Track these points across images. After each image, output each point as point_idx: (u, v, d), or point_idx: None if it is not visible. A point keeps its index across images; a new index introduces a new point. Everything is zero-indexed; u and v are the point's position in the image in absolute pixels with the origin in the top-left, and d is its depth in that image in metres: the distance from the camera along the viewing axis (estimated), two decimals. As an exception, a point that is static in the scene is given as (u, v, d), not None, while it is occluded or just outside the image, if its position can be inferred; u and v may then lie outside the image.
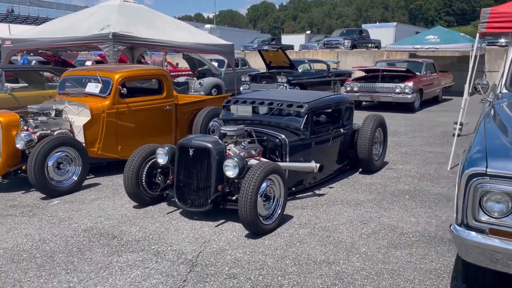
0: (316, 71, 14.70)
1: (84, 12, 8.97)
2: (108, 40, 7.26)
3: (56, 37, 8.03)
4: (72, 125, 5.32)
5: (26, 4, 56.83)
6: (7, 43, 8.79)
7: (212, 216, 4.08)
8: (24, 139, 4.68)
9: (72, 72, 6.09)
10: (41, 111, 5.17)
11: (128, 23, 7.97)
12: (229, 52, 9.87)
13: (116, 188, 5.03)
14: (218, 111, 6.72)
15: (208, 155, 3.89)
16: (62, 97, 5.70)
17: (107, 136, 5.37)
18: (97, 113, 5.27)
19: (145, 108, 5.73)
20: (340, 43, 22.83)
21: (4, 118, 4.74)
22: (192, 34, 9.33)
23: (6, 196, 4.72)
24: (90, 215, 4.18)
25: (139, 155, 4.29)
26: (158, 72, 6.00)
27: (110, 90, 5.39)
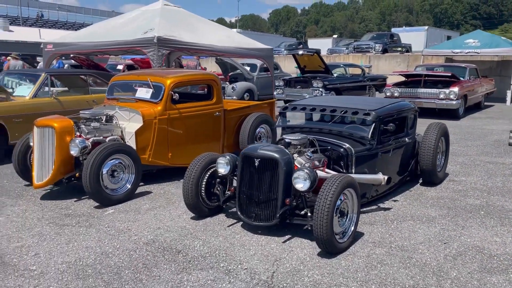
0: (351, 75, 14.35)
1: (125, 16, 8.93)
2: (152, 44, 7.15)
3: (99, 41, 7.99)
4: (123, 131, 5.19)
5: (55, 9, 58.42)
6: (49, 47, 8.82)
7: (276, 230, 3.84)
8: (79, 146, 4.56)
9: (121, 77, 5.98)
10: (93, 116, 5.05)
11: (171, 27, 7.86)
12: (269, 56, 9.65)
13: (169, 197, 4.85)
14: (265, 117, 6.51)
15: (275, 166, 3.65)
16: (112, 102, 5.59)
17: (158, 143, 5.21)
18: (149, 119, 5.12)
19: (195, 114, 5.55)
20: (370, 47, 22.34)
21: (58, 123, 4.63)
22: (231, 37, 9.16)
23: (59, 204, 4.60)
24: (149, 226, 4.00)
25: (199, 164, 4.09)
26: (208, 77, 5.82)
27: (162, 95, 5.23)
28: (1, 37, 37.68)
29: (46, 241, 3.68)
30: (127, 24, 8.30)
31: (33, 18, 54.29)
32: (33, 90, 6.70)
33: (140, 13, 8.62)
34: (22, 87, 6.90)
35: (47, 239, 3.71)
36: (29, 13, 54.11)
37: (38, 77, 6.86)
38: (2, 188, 5.14)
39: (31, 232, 3.87)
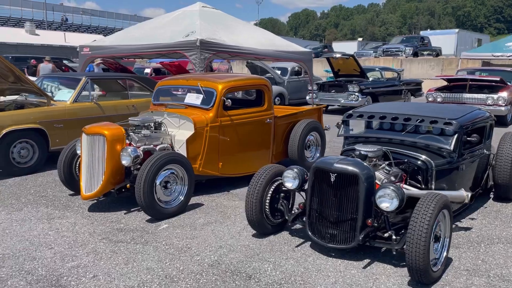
0: (387, 79, 13.84)
1: (162, 18, 8.71)
2: (195, 47, 6.89)
3: (138, 45, 7.78)
4: (173, 139, 4.90)
5: (79, 13, 59.48)
6: (85, 51, 8.68)
7: (351, 253, 3.46)
8: (131, 155, 4.27)
9: (168, 81, 5.70)
10: (142, 123, 4.78)
11: (212, 29, 7.59)
12: (308, 60, 9.29)
13: (223, 211, 4.52)
14: (315, 124, 6.14)
15: (355, 182, 3.27)
16: (159, 108, 5.31)
17: (209, 151, 4.90)
18: (200, 126, 4.82)
19: (247, 121, 5.22)
20: (400, 50, 21.74)
21: (109, 131, 4.37)
22: (271, 40, 8.85)
23: (109, 217, 4.33)
24: (209, 244, 3.67)
25: (263, 177, 3.74)
26: (260, 82, 5.49)
27: (213, 101, 4.93)
28: (28, 41, 38.51)
29: (103, 260, 3.40)
30: (165, 26, 8.07)
31: (58, 22, 55.37)
32: (73, 94, 6.50)
33: (178, 16, 8.39)
34: (62, 92, 6.71)
35: (103, 258, 3.42)
36: (54, 17, 55.24)
37: (78, 81, 6.66)
38: (47, 198, 4.91)
39: (85, 249, 3.59)
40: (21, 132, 5.80)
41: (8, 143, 5.67)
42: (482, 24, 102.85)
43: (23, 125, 5.80)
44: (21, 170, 5.84)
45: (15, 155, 5.79)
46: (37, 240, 3.75)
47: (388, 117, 4.22)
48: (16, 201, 4.79)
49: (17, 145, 5.80)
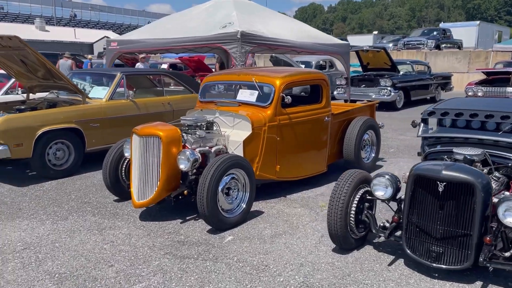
0: (417, 72, 13.28)
1: (193, 10, 8.24)
2: (235, 40, 6.43)
3: (171, 38, 7.34)
4: (227, 140, 4.46)
5: (88, 9, 59.20)
6: (113, 45, 8.25)
7: (459, 275, 3.01)
8: (191, 159, 3.84)
9: (216, 77, 5.25)
10: (195, 123, 4.34)
11: (250, 21, 7.12)
12: (346, 53, 8.79)
13: (287, 219, 4.09)
14: (371, 122, 5.67)
15: (470, 192, 2.81)
16: (209, 106, 4.87)
17: (267, 154, 4.46)
18: (258, 126, 4.37)
19: (305, 119, 4.77)
20: (422, 43, 21.08)
21: (164, 132, 3.93)
22: (307, 32, 8.36)
23: (164, 227, 3.91)
24: (288, 262, 3.24)
25: (348, 185, 3.29)
26: (319, 76, 5.03)
27: (271, 98, 4.48)
28: (39, 37, 38.28)
29: (174, 281, 2.98)
30: (199, 18, 7.61)
31: (67, 18, 55.16)
32: (109, 91, 6.08)
33: (211, 7, 7.92)
34: (97, 89, 6.29)
35: (174, 279, 3.01)
36: (62, 14, 55.03)
37: (113, 78, 6.23)
38: (91, 205, 4.51)
39: (149, 267, 3.18)
40: (57, 133, 5.40)
41: (43, 144, 5.27)
42: (493, 17, 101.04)
43: (59, 125, 5.40)
44: (57, 173, 5.45)
45: (50, 157, 5.40)
46: (93, 256, 3.34)
47: (481, 114, 3.74)
48: (58, 209, 4.40)
49: (52, 146, 5.41)
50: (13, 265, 3.20)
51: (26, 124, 5.12)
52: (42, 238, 3.67)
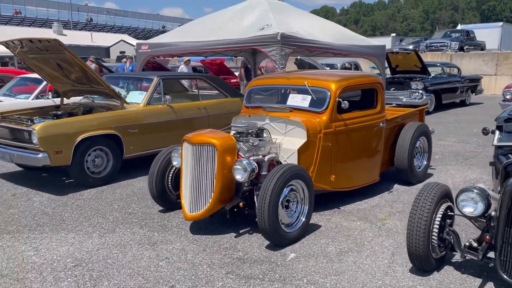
0: (448, 75, 12.87)
1: (226, 12, 8.03)
2: (275, 42, 6.18)
3: (205, 41, 7.13)
4: (279, 147, 4.20)
5: (103, 13, 59.83)
6: (143, 48, 8.09)
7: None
8: (248, 169, 3.58)
9: (262, 81, 5.01)
10: (247, 130, 4.09)
11: (287, 22, 6.88)
12: (381, 55, 8.48)
13: (348, 234, 3.80)
14: (424, 128, 5.36)
15: None
16: (256, 111, 4.62)
17: (322, 163, 4.19)
18: (313, 133, 4.10)
19: (361, 126, 4.49)
20: (446, 45, 20.58)
21: (219, 140, 3.69)
22: (342, 33, 8.08)
23: (219, 242, 3.66)
24: (365, 285, 2.95)
25: (431, 200, 2.99)
26: (374, 80, 4.74)
27: (327, 103, 4.21)
28: (56, 41, 38.74)
29: (245, 305, 2.72)
30: (233, 20, 7.40)
31: (83, 22, 55.79)
32: (146, 96, 5.87)
33: (244, 8, 7.70)
34: (133, 93, 6.10)
35: (244, 302, 2.75)
36: (79, 18, 55.70)
37: (150, 82, 6.03)
38: (137, 216, 4.29)
39: None
40: (96, 139, 5.21)
41: (82, 151, 5.08)
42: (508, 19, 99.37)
43: (99, 131, 5.20)
44: (95, 181, 5.26)
45: (89, 164, 5.21)
46: (151, 275, 3.10)
47: None
48: (103, 220, 4.19)
49: (91, 153, 5.22)
50: (67, 285, 2.98)
51: (66, 130, 4.94)
52: (92, 254, 3.45)
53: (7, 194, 4.97)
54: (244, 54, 10.52)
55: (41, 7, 53.07)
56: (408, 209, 4.40)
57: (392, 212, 4.36)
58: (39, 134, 4.68)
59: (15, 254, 3.45)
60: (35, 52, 5.41)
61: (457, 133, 8.78)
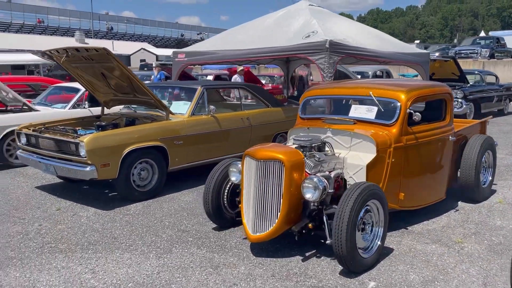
0: (486, 84, 12.39)
1: (265, 19, 7.81)
2: (323, 50, 5.92)
3: (247, 49, 6.91)
4: (344, 163, 3.91)
5: (124, 22, 60.80)
6: (180, 57, 7.94)
7: None
8: (320, 187, 3.30)
9: (319, 90, 4.73)
10: (311, 144, 3.82)
11: (332, 29, 6.61)
12: (426, 62, 8.12)
13: (427, 260, 3.46)
14: (490, 141, 4.99)
15: None
16: (316, 123, 4.34)
17: (391, 180, 3.87)
18: (383, 147, 3.80)
19: (431, 139, 4.16)
20: (475, 52, 20.00)
21: (286, 156, 3.42)
22: (386, 40, 7.78)
23: (287, 266, 3.37)
24: (467, 321, 2.63)
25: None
26: (444, 90, 4.42)
27: (397, 115, 3.91)
28: (78, 50, 39.36)
29: None
30: (275, 28, 7.18)
31: (104, 31, 56.73)
32: (191, 106, 5.66)
33: (285, 15, 7.47)
34: (177, 103, 5.90)
35: None
36: (99, 26, 56.68)
37: (194, 92, 5.83)
38: (191, 234, 4.04)
39: (296, 322, 2.64)
40: (143, 151, 5.01)
41: (129, 164, 4.88)
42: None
43: (145, 142, 5.00)
44: (141, 195, 5.05)
45: (135, 177, 5.00)
46: (223, 304, 2.84)
47: None
48: (157, 238, 3.95)
49: (137, 165, 5.01)
50: (134, 314, 2.74)
51: (114, 142, 4.75)
52: (153, 277, 3.21)
53: (51, 208, 4.79)
54: (277, 62, 10.30)
55: (63, 16, 54.27)
56: (482, 230, 4.07)
57: (466, 234, 4.01)
58: (87, 146, 4.50)
59: (71, 277, 3.24)
60: (80, 61, 5.26)
61: (506, 145, 8.32)
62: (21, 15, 49.41)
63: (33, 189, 5.55)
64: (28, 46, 29.77)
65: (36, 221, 4.39)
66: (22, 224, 4.32)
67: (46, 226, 4.25)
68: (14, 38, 37.53)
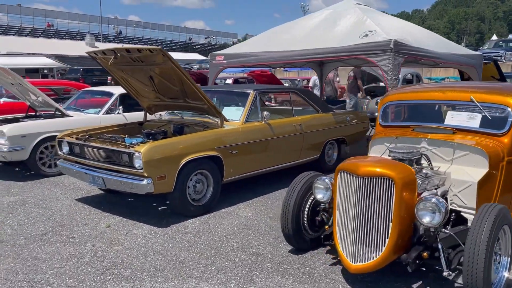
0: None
1: (310, 18, 7.33)
2: (387, 50, 5.43)
3: (295, 50, 6.43)
4: (448, 178, 3.40)
5: (132, 26, 60.76)
6: (218, 59, 7.48)
7: None
8: (442, 210, 2.80)
9: (404, 94, 4.19)
10: (411, 157, 3.32)
11: (388, 28, 6.12)
12: (479, 65, 7.62)
13: (562, 294, 2.96)
14: None
15: None
16: (404, 132, 3.84)
17: (501, 199, 3.37)
18: (496, 161, 3.30)
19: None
20: (500, 55, 19.43)
21: (396, 172, 2.91)
22: (440, 41, 7.29)
23: (398, 301, 2.88)
24: None
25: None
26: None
27: (510, 124, 3.41)
28: (89, 53, 39.13)
29: None
30: (322, 28, 6.70)
31: (113, 35, 56.62)
32: (244, 112, 5.19)
33: (331, 15, 6.99)
34: (228, 109, 5.43)
35: None
36: (108, 30, 56.58)
37: (246, 96, 5.36)
38: (267, 259, 3.54)
39: None
40: (200, 162, 4.53)
41: (185, 175, 4.41)
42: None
43: (203, 152, 4.53)
44: (197, 210, 4.57)
45: (190, 191, 4.53)
46: None
47: None
48: (230, 263, 3.46)
49: (192, 177, 4.53)
50: None
51: (171, 152, 4.27)
52: (246, 316, 2.72)
53: (100, 225, 4.31)
54: (311, 65, 9.82)
55: (72, 20, 54.31)
56: None
57: None
58: (145, 157, 4.02)
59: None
60: (128, 63, 4.80)
61: None
62: (31, 19, 49.41)
63: (74, 202, 5.09)
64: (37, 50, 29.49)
65: (88, 241, 3.91)
66: (73, 244, 3.84)
67: (100, 247, 3.77)
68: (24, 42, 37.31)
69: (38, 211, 4.74)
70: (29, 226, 4.28)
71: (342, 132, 6.55)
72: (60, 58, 26.25)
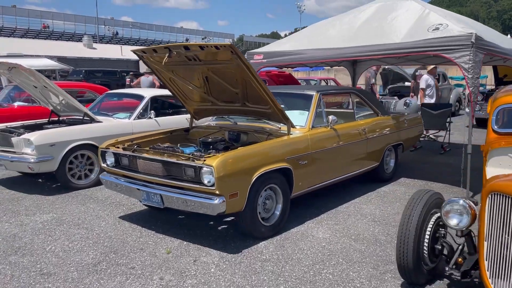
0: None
1: (358, 12, 6.67)
2: (467, 46, 4.84)
3: (348, 47, 5.82)
4: None
5: (129, 26, 59.95)
6: (257, 58, 6.85)
7: None
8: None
9: None
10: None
11: (456, 21, 5.54)
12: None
13: None
14: None
15: None
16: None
17: None
18: None
19: None
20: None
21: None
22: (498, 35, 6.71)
23: None
24: None
25: None
26: None
27: None
28: (86, 54, 38.27)
29: None
30: (374, 22, 6.08)
31: (109, 36, 55.72)
32: (310, 117, 4.59)
33: (382, 8, 6.36)
34: (290, 113, 4.79)
35: None
36: (105, 31, 55.68)
37: (310, 98, 4.75)
38: (383, 296, 2.94)
39: None
40: (270, 175, 3.91)
41: (255, 192, 3.78)
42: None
43: (274, 164, 3.91)
44: (267, 230, 3.95)
45: (259, 209, 3.90)
46: None
47: None
48: (339, 304, 2.85)
49: (262, 194, 3.91)
50: None
51: (244, 165, 3.64)
52: None
53: (159, 251, 3.68)
54: (344, 64, 9.22)
55: (68, 21, 53.40)
56: None
57: None
58: (218, 172, 3.38)
59: None
60: (182, 62, 4.17)
61: None
62: (26, 20, 48.40)
63: (118, 220, 4.44)
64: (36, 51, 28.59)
65: (152, 272, 3.28)
66: (136, 277, 3.21)
67: (171, 281, 3.14)
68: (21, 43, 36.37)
69: (80, 232, 4.10)
70: (77, 253, 3.64)
71: (400, 137, 5.97)
72: (58, 60, 25.45)
